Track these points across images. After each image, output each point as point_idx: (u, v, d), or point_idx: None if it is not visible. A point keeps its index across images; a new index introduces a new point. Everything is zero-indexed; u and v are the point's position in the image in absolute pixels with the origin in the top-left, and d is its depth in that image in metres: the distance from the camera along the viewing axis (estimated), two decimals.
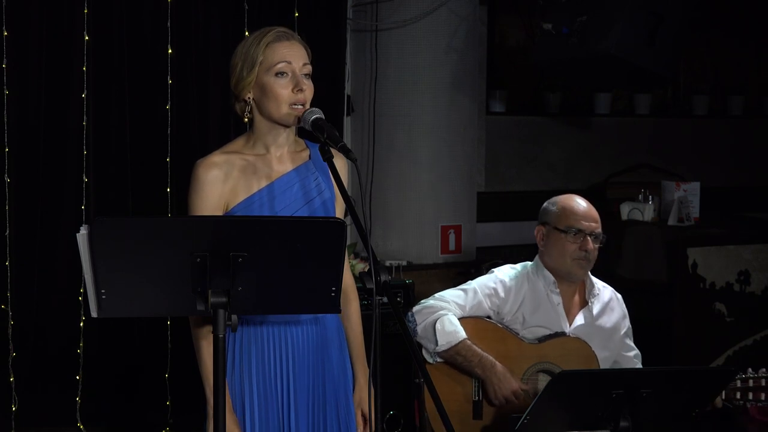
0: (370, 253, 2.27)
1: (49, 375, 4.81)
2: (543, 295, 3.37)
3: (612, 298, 3.47)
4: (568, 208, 3.37)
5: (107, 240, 2.14)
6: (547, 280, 3.37)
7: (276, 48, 2.61)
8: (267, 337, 2.68)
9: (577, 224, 3.33)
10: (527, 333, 3.35)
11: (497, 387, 3.22)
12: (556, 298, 3.36)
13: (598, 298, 3.42)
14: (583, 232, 3.32)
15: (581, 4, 4.76)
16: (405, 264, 5.45)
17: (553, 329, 3.34)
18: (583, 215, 3.35)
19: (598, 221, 3.37)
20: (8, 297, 4.68)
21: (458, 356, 3.25)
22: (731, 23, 7.20)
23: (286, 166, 2.70)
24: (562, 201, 3.40)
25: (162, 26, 4.87)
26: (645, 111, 7.15)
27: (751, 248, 5.37)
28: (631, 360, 3.45)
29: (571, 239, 3.33)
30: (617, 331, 3.43)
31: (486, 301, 3.36)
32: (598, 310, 3.41)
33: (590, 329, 3.37)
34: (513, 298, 3.36)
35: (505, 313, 3.36)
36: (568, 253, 3.33)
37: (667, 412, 2.67)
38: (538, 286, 3.38)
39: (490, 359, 3.24)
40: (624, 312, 3.48)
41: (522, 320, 3.35)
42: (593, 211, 3.38)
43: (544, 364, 3.30)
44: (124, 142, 4.90)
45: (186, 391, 4.90)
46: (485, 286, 3.38)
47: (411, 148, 5.56)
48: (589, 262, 3.34)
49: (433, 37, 5.50)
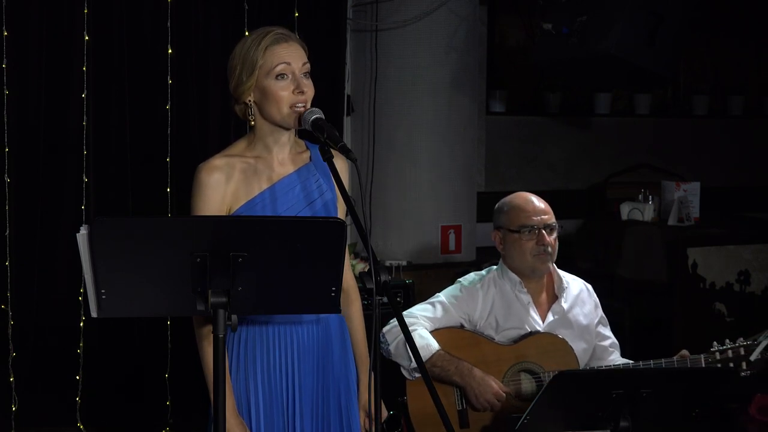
0: (370, 253, 2.27)
1: (49, 375, 4.81)
2: (512, 296, 3.37)
3: (582, 289, 3.47)
4: (515, 208, 3.38)
5: (107, 240, 2.14)
6: (513, 281, 3.38)
7: (275, 50, 2.61)
8: (272, 337, 2.68)
9: (528, 221, 3.34)
10: (502, 337, 3.34)
11: (477, 392, 3.21)
12: (525, 297, 3.37)
13: (568, 291, 3.42)
14: (535, 227, 3.33)
15: (581, 4, 4.76)
16: (405, 264, 5.45)
17: (527, 328, 3.34)
18: (532, 211, 3.35)
19: (549, 212, 3.37)
20: (8, 297, 4.68)
21: (435, 368, 3.23)
22: (731, 23, 7.20)
23: (287, 168, 2.70)
24: (509, 201, 3.42)
25: (162, 26, 4.87)
26: (645, 111, 7.15)
27: (751, 248, 5.38)
28: (606, 349, 3.44)
29: (526, 237, 3.34)
30: (591, 322, 3.43)
31: (455, 311, 3.36)
32: (570, 304, 3.41)
33: (564, 322, 3.37)
34: (482, 303, 3.37)
35: (477, 319, 3.36)
36: (527, 251, 3.33)
37: (667, 412, 2.68)
38: (505, 288, 3.38)
39: (467, 365, 3.23)
40: (596, 302, 3.48)
41: (495, 325, 3.35)
42: (541, 204, 3.38)
43: (523, 364, 3.29)
44: (124, 142, 4.90)
45: (186, 391, 4.90)
46: (452, 296, 3.39)
47: (411, 148, 5.56)
48: (550, 254, 3.34)
49: (433, 37, 5.50)
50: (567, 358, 3.29)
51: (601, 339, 3.45)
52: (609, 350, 3.45)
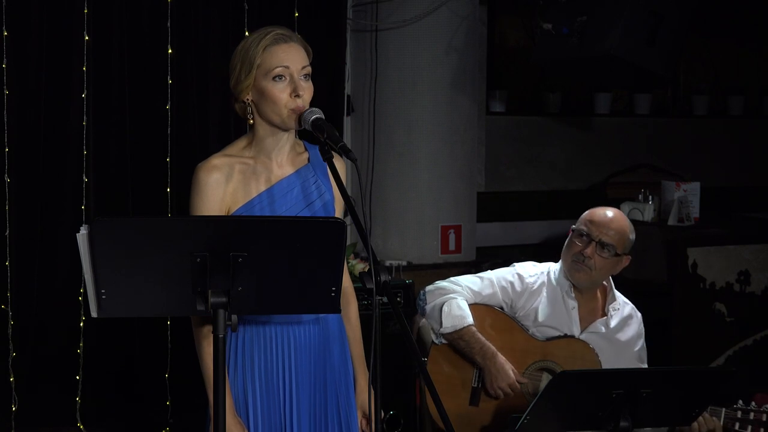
0: (370, 253, 2.27)
1: (49, 375, 4.80)
2: (559, 297, 3.36)
3: (632, 314, 3.43)
4: (589, 213, 3.37)
5: (107, 240, 2.14)
6: (563, 285, 3.36)
7: (273, 51, 2.60)
8: (270, 336, 2.68)
9: (585, 227, 3.32)
10: (537, 331, 3.35)
11: (494, 377, 3.23)
12: (572, 303, 3.35)
13: (618, 312, 3.39)
14: (587, 236, 3.30)
15: (581, 4, 4.76)
16: (405, 264, 5.45)
17: (564, 331, 3.34)
18: (598, 221, 3.32)
19: (614, 231, 3.30)
20: (8, 297, 4.68)
21: (461, 341, 3.27)
22: (731, 23, 7.20)
23: (286, 169, 2.70)
24: (595, 208, 3.39)
25: (162, 26, 4.87)
26: (645, 111, 7.15)
27: (751, 248, 5.38)
28: None
29: (575, 239, 3.33)
30: (630, 347, 3.39)
31: (500, 293, 3.37)
32: (616, 323, 3.38)
33: (605, 340, 3.35)
34: (528, 295, 3.37)
35: (519, 307, 3.37)
36: (570, 253, 3.33)
37: (667, 412, 2.68)
38: (555, 289, 3.37)
39: (492, 349, 3.25)
40: (641, 331, 3.43)
41: (534, 318, 3.35)
42: (609, 221, 3.32)
43: (547, 363, 3.31)
44: (124, 142, 4.90)
45: (186, 391, 4.90)
46: (502, 278, 3.40)
47: (411, 148, 5.56)
48: (588, 267, 3.29)
49: (433, 37, 5.49)
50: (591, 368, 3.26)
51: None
52: None
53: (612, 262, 3.31)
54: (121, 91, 4.87)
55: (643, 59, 4.66)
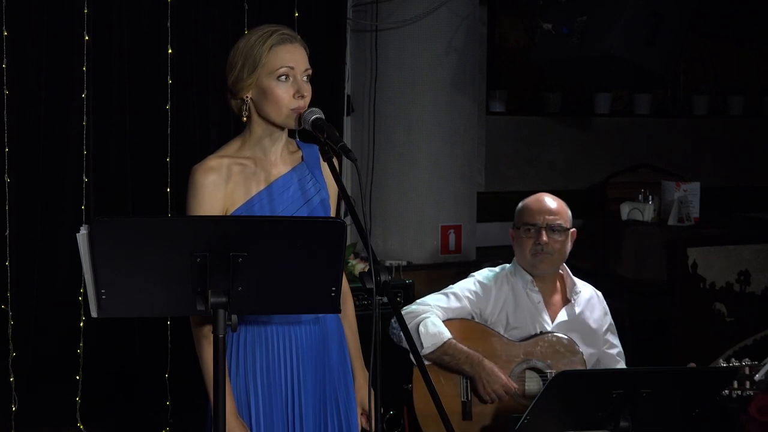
0: (370, 253, 2.27)
1: (49, 375, 4.80)
2: (523, 294, 3.38)
3: (593, 295, 3.48)
4: (523, 207, 3.41)
5: (107, 240, 2.14)
6: (525, 280, 3.39)
7: (279, 51, 2.60)
8: (272, 337, 2.68)
9: (529, 219, 3.36)
10: (511, 334, 3.36)
11: (486, 382, 3.23)
12: (536, 296, 3.38)
13: (580, 296, 3.43)
14: (535, 225, 3.33)
15: (581, 4, 4.76)
16: (405, 264, 5.45)
17: (537, 327, 3.35)
18: (536, 210, 3.36)
19: (559, 212, 3.36)
20: (8, 297, 4.68)
21: (445, 356, 3.26)
22: (731, 23, 7.20)
23: (282, 167, 2.70)
24: (524, 200, 3.44)
25: (162, 26, 4.87)
26: (645, 111, 7.15)
27: (751, 248, 5.38)
28: (613, 358, 3.44)
29: (524, 235, 3.36)
30: (600, 328, 3.44)
31: (468, 303, 3.37)
32: (581, 308, 3.42)
33: (574, 326, 3.38)
34: (494, 299, 3.38)
35: (488, 314, 3.38)
36: (526, 249, 3.35)
37: (667, 412, 2.68)
38: (517, 286, 3.40)
39: (477, 356, 3.24)
40: (605, 309, 3.49)
41: (506, 322, 3.36)
42: (549, 204, 3.37)
43: (530, 362, 3.31)
44: (124, 142, 4.90)
45: (186, 391, 4.90)
46: (465, 289, 3.40)
47: (411, 148, 5.56)
48: (550, 254, 3.33)
49: (433, 37, 5.50)
50: (574, 358, 3.30)
51: (609, 347, 3.45)
52: (616, 359, 3.44)
53: (565, 240, 3.36)
54: (121, 91, 4.87)
55: (643, 59, 4.66)
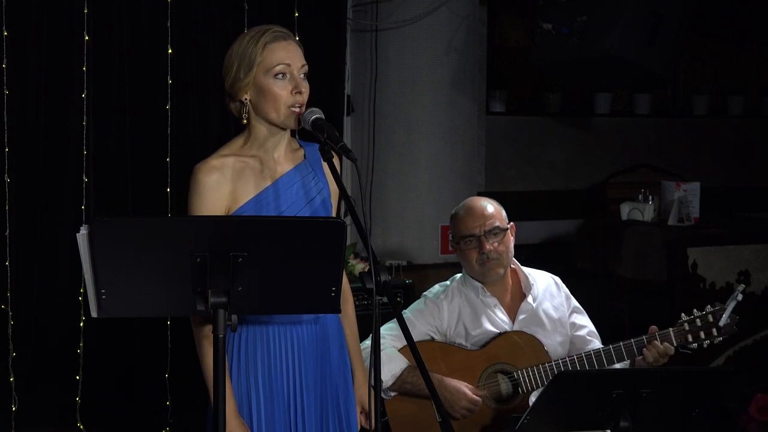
0: (370, 253, 2.27)
1: (49, 375, 4.80)
2: (477, 302, 3.34)
3: (550, 283, 3.43)
4: (457, 220, 3.35)
5: (107, 240, 2.14)
6: (475, 288, 3.35)
7: (274, 49, 2.60)
8: (273, 336, 2.68)
9: (466, 231, 3.30)
10: (472, 343, 3.32)
11: (451, 401, 3.18)
12: (491, 301, 3.34)
13: (534, 288, 3.38)
14: (474, 235, 3.29)
15: (581, 4, 4.76)
16: (405, 264, 5.45)
17: (497, 331, 3.31)
18: (471, 220, 3.30)
19: (491, 216, 3.30)
20: (8, 297, 4.68)
21: (406, 384, 3.22)
22: (731, 23, 7.21)
23: (285, 165, 2.70)
24: (454, 213, 3.38)
25: (162, 26, 4.87)
26: (645, 111, 7.16)
27: (751, 248, 5.38)
28: (585, 338, 3.39)
29: (466, 247, 3.31)
30: (563, 314, 3.39)
31: (420, 325, 3.34)
32: (538, 300, 3.36)
33: (535, 320, 3.34)
34: (447, 313, 3.34)
35: (445, 329, 3.35)
36: (472, 260, 3.30)
37: (667, 412, 2.67)
38: (470, 295, 3.35)
39: (436, 377, 3.19)
40: (566, 293, 3.43)
41: (464, 333, 3.32)
42: (482, 210, 3.31)
43: (497, 365, 3.27)
44: (124, 142, 4.90)
45: (186, 391, 4.90)
46: (416, 311, 3.37)
47: (411, 148, 5.56)
48: (497, 259, 3.28)
49: (433, 37, 5.50)
50: (537, 352, 3.26)
51: (577, 329, 3.40)
52: (587, 339, 3.39)
53: (506, 239, 3.31)
54: (121, 91, 4.87)
55: (643, 59, 4.66)
